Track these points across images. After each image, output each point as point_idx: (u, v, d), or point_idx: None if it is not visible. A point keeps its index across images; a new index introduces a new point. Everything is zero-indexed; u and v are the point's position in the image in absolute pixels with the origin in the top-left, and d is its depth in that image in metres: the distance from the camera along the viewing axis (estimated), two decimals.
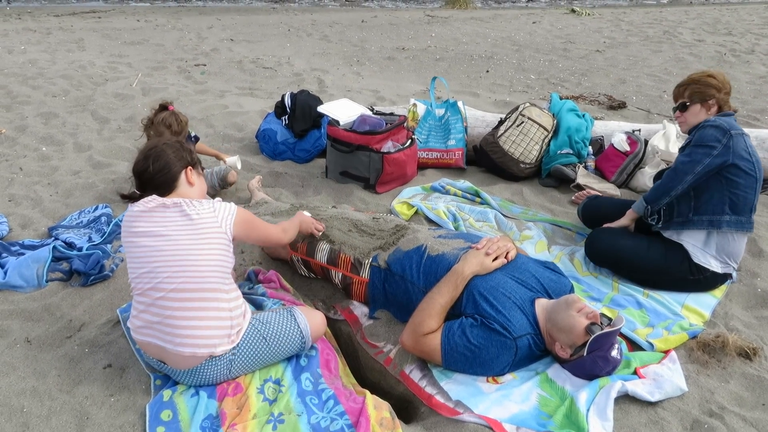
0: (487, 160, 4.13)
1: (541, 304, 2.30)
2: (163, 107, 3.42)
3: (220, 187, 3.78)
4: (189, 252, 2.05)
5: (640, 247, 2.83)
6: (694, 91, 2.82)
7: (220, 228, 2.11)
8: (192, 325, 2.03)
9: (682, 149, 2.81)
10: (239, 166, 3.77)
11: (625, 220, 2.97)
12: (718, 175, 2.66)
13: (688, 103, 2.84)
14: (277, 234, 2.44)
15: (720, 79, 2.81)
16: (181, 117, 3.44)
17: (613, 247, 2.89)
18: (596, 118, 4.74)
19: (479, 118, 4.45)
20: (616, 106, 5.89)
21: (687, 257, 2.74)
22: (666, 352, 2.38)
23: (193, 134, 3.75)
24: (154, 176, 2.19)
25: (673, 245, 2.79)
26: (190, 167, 2.28)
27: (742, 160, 2.64)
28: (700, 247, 2.74)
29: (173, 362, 2.08)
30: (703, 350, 2.40)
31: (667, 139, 4.08)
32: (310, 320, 2.26)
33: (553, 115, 4.15)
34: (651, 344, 2.42)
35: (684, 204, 2.76)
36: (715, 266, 2.73)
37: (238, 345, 2.11)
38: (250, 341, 2.13)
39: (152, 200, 2.14)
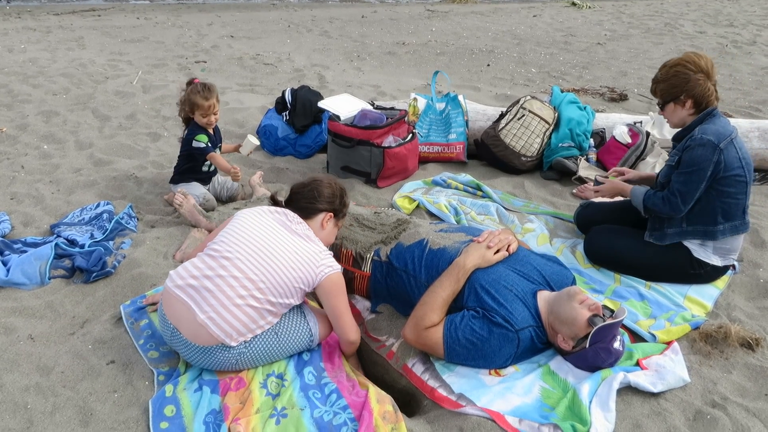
0: (488, 153, 4.12)
1: (543, 297, 2.30)
2: (189, 83, 3.47)
3: (224, 200, 3.72)
4: (280, 260, 2.13)
5: (637, 245, 2.81)
6: (663, 91, 2.68)
7: (316, 268, 2.17)
8: (235, 313, 2.07)
9: (673, 164, 2.68)
10: (257, 142, 3.61)
11: (625, 192, 2.91)
12: (710, 188, 2.60)
13: (661, 103, 2.72)
14: (351, 326, 2.24)
15: (691, 66, 2.61)
16: (208, 85, 3.44)
17: (611, 248, 2.88)
18: (597, 111, 4.73)
19: (480, 112, 4.44)
20: (618, 99, 5.88)
21: (686, 252, 2.73)
22: (668, 343, 2.38)
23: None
24: (300, 198, 2.38)
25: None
26: (331, 214, 2.39)
27: (734, 170, 2.57)
28: (698, 245, 2.73)
29: (191, 333, 2.08)
30: (706, 341, 2.40)
31: (660, 126, 4.07)
32: (320, 320, 2.29)
33: (555, 108, 4.14)
34: (653, 335, 2.42)
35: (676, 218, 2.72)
36: (715, 260, 2.73)
37: (250, 339, 2.13)
38: (263, 336, 2.15)
39: (288, 212, 2.29)
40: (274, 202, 2.47)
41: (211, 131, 3.52)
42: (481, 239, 2.42)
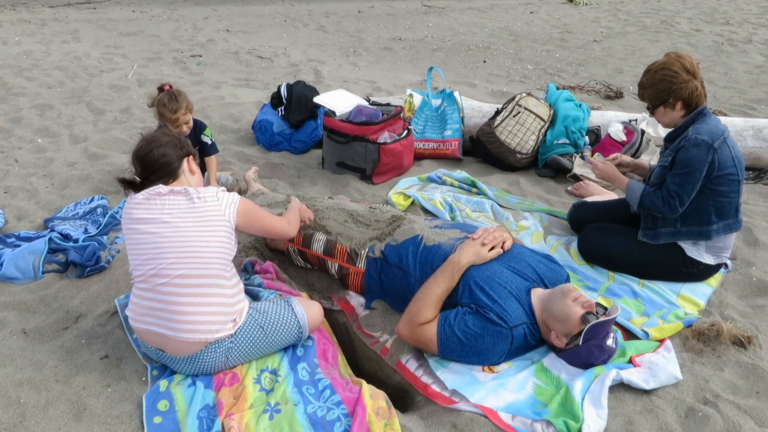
0: (483, 150, 4.12)
1: (537, 294, 2.31)
2: (160, 89, 3.36)
3: None
4: (193, 238, 2.07)
5: (631, 243, 2.82)
6: (651, 96, 2.67)
7: (223, 216, 2.14)
8: (196, 311, 2.05)
9: (667, 165, 2.66)
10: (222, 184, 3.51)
11: (621, 183, 2.85)
12: (703, 187, 2.60)
13: (651, 107, 2.71)
14: (282, 226, 2.43)
15: (675, 68, 2.59)
16: (175, 93, 3.29)
17: (604, 246, 2.88)
18: (593, 108, 4.73)
19: (476, 109, 4.44)
20: (613, 96, 5.88)
21: (679, 251, 2.74)
22: (661, 340, 2.39)
23: (210, 141, 3.58)
24: (158, 160, 2.19)
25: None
26: (191, 156, 2.31)
27: (727, 169, 2.57)
28: (691, 244, 2.73)
29: (173, 349, 2.09)
30: (698, 339, 2.41)
31: (654, 124, 4.08)
32: (308, 311, 2.28)
33: (550, 105, 4.14)
34: (646, 333, 2.43)
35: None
36: (708, 259, 2.73)
37: (236, 333, 2.12)
38: (248, 330, 2.15)
39: (157, 188, 2.15)
40: (130, 185, 2.21)
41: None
42: (475, 236, 2.42)
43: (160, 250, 2.06)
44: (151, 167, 2.19)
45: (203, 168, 3.59)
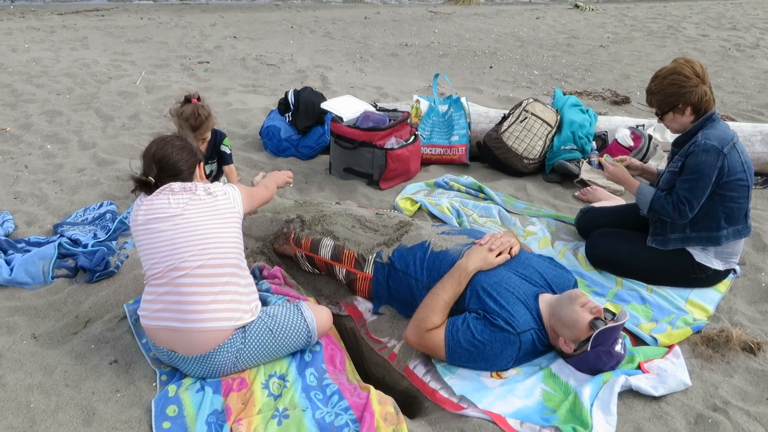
0: (490, 155, 4.13)
1: (545, 300, 2.30)
2: (187, 100, 3.31)
3: None
4: (211, 229, 2.15)
5: (639, 249, 2.81)
6: (659, 102, 2.66)
7: (235, 209, 2.25)
8: (216, 299, 2.08)
9: (676, 171, 2.65)
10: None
11: (631, 186, 2.83)
12: (713, 193, 2.59)
13: (659, 113, 2.70)
14: (263, 193, 2.60)
15: (684, 73, 2.59)
16: (200, 110, 3.26)
17: (612, 251, 2.88)
18: (600, 114, 4.73)
19: (482, 114, 4.45)
20: (620, 102, 5.88)
21: (688, 256, 2.73)
22: (670, 346, 2.38)
23: (229, 151, 3.57)
24: (175, 165, 2.26)
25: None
26: (201, 162, 2.40)
27: (737, 174, 2.57)
28: (699, 249, 2.72)
29: (186, 347, 2.10)
30: (707, 345, 2.40)
31: (662, 129, 4.08)
32: (317, 315, 2.29)
33: (557, 110, 4.15)
34: (655, 339, 2.42)
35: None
36: (716, 264, 2.72)
37: (248, 333, 2.14)
38: (258, 333, 2.16)
39: (169, 186, 2.23)
40: (145, 185, 2.25)
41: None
42: (483, 242, 2.42)
43: (178, 245, 2.11)
44: (169, 171, 2.26)
45: (218, 176, 3.62)
